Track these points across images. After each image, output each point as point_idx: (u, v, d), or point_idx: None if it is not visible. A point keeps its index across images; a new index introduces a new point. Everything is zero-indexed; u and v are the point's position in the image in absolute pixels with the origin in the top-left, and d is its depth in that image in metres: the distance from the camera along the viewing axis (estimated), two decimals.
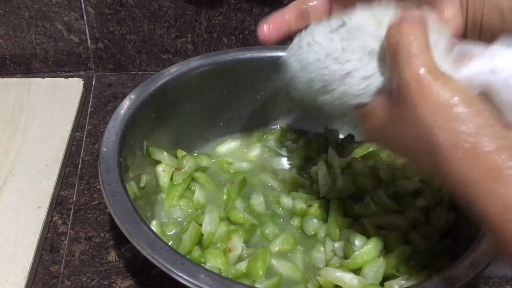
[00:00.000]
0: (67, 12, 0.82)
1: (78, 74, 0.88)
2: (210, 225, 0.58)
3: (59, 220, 0.65)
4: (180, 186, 0.64)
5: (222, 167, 0.69)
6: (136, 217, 0.50)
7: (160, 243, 0.48)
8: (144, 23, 0.84)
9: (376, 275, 0.52)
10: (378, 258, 0.53)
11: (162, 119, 0.66)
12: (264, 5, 0.83)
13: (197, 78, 0.68)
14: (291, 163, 0.71)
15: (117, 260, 0.60)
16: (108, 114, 0.79)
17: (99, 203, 0.66)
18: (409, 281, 0.50)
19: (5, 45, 0.85)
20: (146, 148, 0.64)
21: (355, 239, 0.55)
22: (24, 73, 0.88)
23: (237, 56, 0.70)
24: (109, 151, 0.56)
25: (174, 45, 0.87)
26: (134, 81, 0.87)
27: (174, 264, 0.46)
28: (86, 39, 0.85)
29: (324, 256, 0.58)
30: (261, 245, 0.59)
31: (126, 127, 0.59)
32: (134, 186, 0.59)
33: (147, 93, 0.64)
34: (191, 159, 0.65)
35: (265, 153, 0.72)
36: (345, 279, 0.51)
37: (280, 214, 0.63)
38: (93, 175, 0.70)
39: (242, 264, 0.55)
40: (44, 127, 0.75)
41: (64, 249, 0.61)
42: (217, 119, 0.73)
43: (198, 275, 0.45)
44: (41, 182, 0.67)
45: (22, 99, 0.79)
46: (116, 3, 0.82)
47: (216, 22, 0.85)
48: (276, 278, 0.54)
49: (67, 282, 0.57)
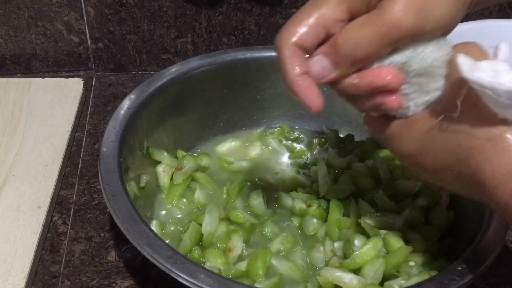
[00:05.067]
0: (67, 12, 0.82)
1: (78, 74, 0.88)
2: (210, 225, 0.58)
3: (59, 220, 0.65)
4: (180, 186, 0.64)
5: (222, 166, 0.69)
6: (136, 217, 0.50)
7: (160, 243, 0.48)
8: (144, 23, 0.84)
9: (375, 275, 0.52)
10: (377, 258, 0.53)
11: (162, 119, 0.66)
12: (264, 5, 0.83)
13: (197, 78, 0.68)
14: (291, 162, 0.71)
15: (117, 260, 0.60)
16: (108, 114, 0.79)
17: (99, 203, 0.66)
18: (409, 281, 0.50)
19: (5, 45, 0.85)
20: (146, 148, 0.64)
21: (355, 239, 0.55)
22: (24, 73, 0.88)
23: (237, 56, 0.70)
24: (109, 151, 0.56)
25: (174, 45, 0.87)
26: (134, 81, 0.87)
27: (174, 264, 0.46)
28: (86, 39, 0.85)
29: (323, 256, 0.58)
30: (261, 244, 0.59)
31: (126, 127, 0.59)
32: (134, 186, 0.59)
33: (147, 93, 0.64)
34: (191, 159, 0.65)
35: (265, 152, 0.72)
36: (345, 279, 0.51)
37: (279, 213, 0.63)
38: (93, 175, 0.70)
39: (242, 264, 0.55)
40: (44, 127, 0.75)
41: (64, 249, 0.61)
42: (217, 118, 0.73)
43: (198, 275, 0.45)
44: (41, 182, 0.67)
45: (22, 99, 0.79)
46: (116, 3, 0.82)
47: (216, 22, 0.85)
48: (276, 278, 0.54)
49: (67, 282, 0.58)
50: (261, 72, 0.71)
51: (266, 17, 0.85)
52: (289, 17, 0.45)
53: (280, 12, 0.84)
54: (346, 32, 0.41)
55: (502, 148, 0.38)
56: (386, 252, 0.55)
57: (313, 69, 0.42)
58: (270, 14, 0.84)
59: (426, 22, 0.40)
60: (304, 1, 0.44)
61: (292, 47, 0.42)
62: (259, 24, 0.85)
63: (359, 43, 0.40)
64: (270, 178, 0.68)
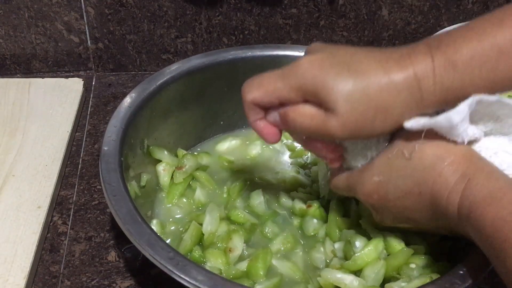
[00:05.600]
0: (67, 12, 0.82)
1: (78, 74, 0.88)
2: (211, 225, 0.58)
3: (59, 220, 0.65)
4: (180, 185, 0.64)
5: (223, 165, 0.69)
6: (138, 218, 0.50)
7: (162, 244, 0.48)
8: (144, 23, 0.84)
9: (376, 277, 0.52)
10: (378, 259, 0.53)
11: (162, 118, 0.66)
12: (264, 5, 0.83)
13: (198, 76, 0.68)
14: (291, 162, 0.71)
15: (117, 260, 0.60)
16: (108, 114, 0.79)
17: (99, 203, 0.66)
18: (410, 283, 0.50)
19: (5, 45, 0.84)
20: (147, 147, 0.64)
21: (356, 240, 0.55)
22: (24, 73, 0.88)
23: (238, 54, 0.70)
24: (110, 150, 0.56)
25: (174, 45, 0.87)
26: (134, 81, 0.87)
27: (176, 266, 0.46)
28: (86, 39, 0.85)
29: (324, 256, 0.58)
30: (261, 244, 0.59)
31: (127, 125, 0.59)
32: (135, 186, 0.59)
33: (148, 92, 0.63)
34: (191, 158, 0.65)
35: (265, 151, 0.72)
36: (346, 280, 0.51)
37: (280, 213, 0.63)
38: (93, 175, 0.70)
39: (242, 264, 0.55)
40: (44, 127, 0.74)
41: (64, 249, 0.61)
42: (218, 117, 0.73)
43: (199, 276, 0.45)
44: (41, 182, 0.67)
45: (22, 99, 0.79)
46: (116, 3, 0.82)
47: (216, 22, 0.85)
48: (276, 278, 0.54)
49: (67, 282, 0.57)
50: (262, 71, 0.70)
51: (266, 17, 0.85)
52: (289, 17, 0.45)
53: (280, 12, 0.84)
54: (295, 114, 0.46)
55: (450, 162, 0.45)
56: (387, 254, 0.54)
57: (268, 118, 0.49)
58: (270, 14, 0.84)
59: (364, 133, 0.46)
60: (304, 2, 0.44)
61: (250, 103, 0.48)
62: (259, 24, 0.85)
63: (303, 129, 0.47)
64: (271, 177, 0.68)
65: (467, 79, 0.43)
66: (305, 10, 0.83)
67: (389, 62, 0.44)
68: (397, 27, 0.87)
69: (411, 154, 0.46)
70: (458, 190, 0.44)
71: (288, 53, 0.71)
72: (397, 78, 0.43)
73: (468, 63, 0.42)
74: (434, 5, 0.85)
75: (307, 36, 0.87)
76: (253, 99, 0.48)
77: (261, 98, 0.48)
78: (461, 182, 0.44)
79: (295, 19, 0.84)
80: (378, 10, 0.85)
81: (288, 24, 0.85)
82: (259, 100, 0.48)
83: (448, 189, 0.44)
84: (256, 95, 0.47)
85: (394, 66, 0.43)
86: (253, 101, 0.48)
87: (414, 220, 0.49)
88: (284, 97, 0.46)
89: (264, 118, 0.49)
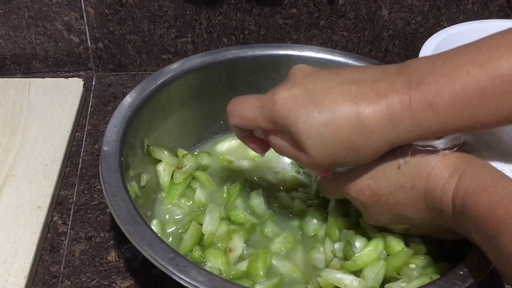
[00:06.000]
0: (67, 12, 0.82)
1: (78, 74, 0.88)
2: (211, 225, 0.58)
3: (59, 220, 0.65)
4: (180, 185, 0.64)
5: (223, 165, 0.69)
6: (138, 218, 0.50)
7: (162, 245, 0.47)
8: (144, 23, 0.84)
9: (376, 277, 0.52)
10: (378, 260, 0.53)
11: (162, 117, 0.66)
12: (264, 5, 0.83)
13: (198, 76, 0.68)
14: (291, 162, 0.71)
15: (117, 260, 0.60)
16: (108, 114, 0.79)
17: (99, 203, 0.66)
18: (410, 283, 0.50)
19: (5, 45, 0.84)
20: (147, 147, 0.64)
21: (356, 241, 0.55)
22: (24, 73, 0.88)
23: (238, 54, 0.70)
24: (110, 150, 0.56)
25: (174, 45, 0.87)
26: (134, 81, 0.87)
27: (176, 266, 0.46)
28: (86, 39, 0.85)
29: (324, 256, 0.58)
30: (261, 244, 0.59)
31: (127, 125, 0.59)
32: (135, 186, 0.59)
33: (148, 91, 0.63)
34: (191, 158, 0.65)
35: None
36: (346, 280, 0.51)
37: (280, 213, 0.63)
38: (93, 175, 0.70)
39: (242, 264, 0.55)
40: (44, 127, 0.74)
41: (64, 249, 0.61)
42: (218, 117, 0.72)
43: (199, 277, 0.45)
44: (41, 182, 0.67)
45: (22, 99, 0.79)
46: (116, 3, 0.82)
47: (216, 22, 0.85)
48: (276, 278, 0.54)
49: (67, 282, 0.57)
50: (262, 70, 0.71)
51: (266, 17, 0.85)
52: (289, 17, 0.45)
53: (280, 12, 0.84)
54: (274, 142, 0.49)
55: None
56: (387, 254, 0.54)
57: (255, 133, 0.53)
58: (270, 14, 0.84)
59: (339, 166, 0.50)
60: (304, 2, 0.44)
61: (234, 126, 0.52)
62: (259, 24, 0.85)
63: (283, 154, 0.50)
64: (271, 177, 0.68)
65: (447, 121, 0.43)
66: (305, 10, 0.83)
67: (364, 101, 0.44)
68: (397, 27, 0.87)
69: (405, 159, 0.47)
70: (452, 182, 0.45)
71: (288, 53, 0.70)
72: (369, 121, 0.43)
73: (449, 107, 0.42)
74: (434, 5, 0.85)
75: (307, 36, 0.87)
76: (235, 124, 0.51)
77: (242, 125, 0.51)
78: (454, 174, 0.45)
79: (295, 19, 0.84)
80: (378, 10, 0.85)
81: (288, 24, 0.85)
82: (241, 126, 0.51)
83: (442, 181, 0.45)
84: (238, 122, 0.50)
85: (368, 107, 0.43)
86: (236, 126, 0.51)
87: (407, 217, 0.50)
88: (263, 127, 0.49)
89: (250, 134, 0.53)
